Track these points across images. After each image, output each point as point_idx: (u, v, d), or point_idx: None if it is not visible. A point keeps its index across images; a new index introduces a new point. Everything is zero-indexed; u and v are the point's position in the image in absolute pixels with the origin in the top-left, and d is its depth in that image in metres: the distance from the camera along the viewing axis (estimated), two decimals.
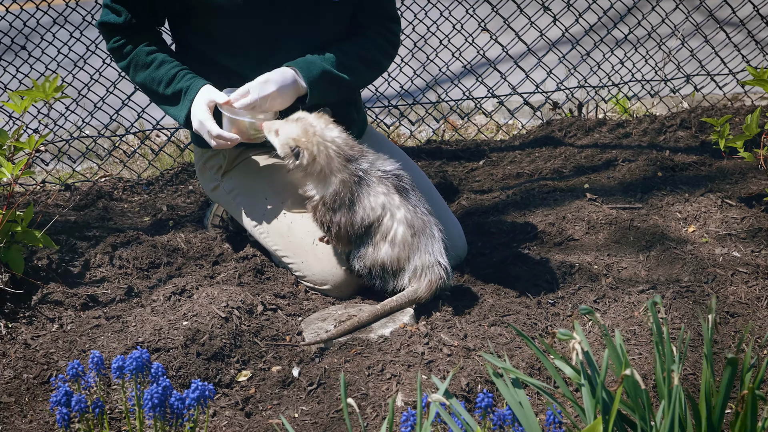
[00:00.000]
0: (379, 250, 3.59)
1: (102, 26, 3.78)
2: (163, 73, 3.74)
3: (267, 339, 3.48)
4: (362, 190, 3.58)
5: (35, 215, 4.20)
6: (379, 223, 3.59)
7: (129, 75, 3.83)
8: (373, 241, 3.61)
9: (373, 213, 3.58)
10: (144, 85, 3.80)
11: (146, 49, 3.78)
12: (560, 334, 2.36)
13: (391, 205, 3.58)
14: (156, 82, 3.75)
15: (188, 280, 3.78)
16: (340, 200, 3.59)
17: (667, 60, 5.84)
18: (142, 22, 3.76)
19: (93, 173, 5.39)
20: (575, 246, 4.08)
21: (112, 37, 3.79)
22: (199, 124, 3.67)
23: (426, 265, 3.55)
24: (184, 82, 3.72)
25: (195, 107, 3.68)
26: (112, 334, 3.49)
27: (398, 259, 3.57)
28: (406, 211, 3.58)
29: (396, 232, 3.57)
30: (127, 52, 3.78)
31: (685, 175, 4.63)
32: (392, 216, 3.57)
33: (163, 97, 3.77)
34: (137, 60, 3.78)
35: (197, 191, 4.91)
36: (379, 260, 3.59)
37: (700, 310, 3.55)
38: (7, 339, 3.55)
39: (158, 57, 3.77)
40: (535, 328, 3.52)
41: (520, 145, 5.33)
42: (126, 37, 3.77)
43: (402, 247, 3.57)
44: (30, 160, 3.71)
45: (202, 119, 3.65)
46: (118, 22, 3.74)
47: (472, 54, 5.88)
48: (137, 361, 2.70)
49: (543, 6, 5.56)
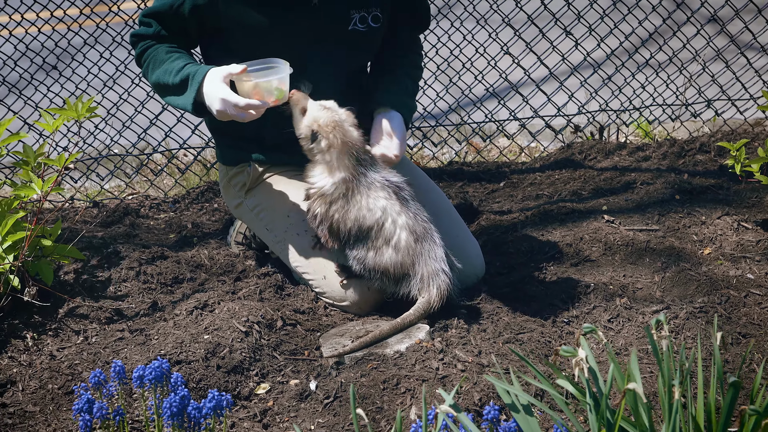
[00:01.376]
0: (381, 255, 3.68)
1: (133, 37, 3.88)
2: (175, 65, 3.75)
3: (286, 353, 3.55)
4: (361, 189, 3.67)
5: (63, 231, 4.30)
6: (380, 227, 3.67)
7: (147, 76, 3.85)
8: (374, 245, 3.69)
9: (370, 215, 3.67)
10: (157, 82, 3.80)
11: (167, 47, 3.82)
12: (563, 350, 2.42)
13: (392, 210, 3.67)
14: (167, 72, 3.75)
15: (210, 296, 3.86)
16: (337, 194, 3.68)
17: (689, 84, 5.90)
18: (172, 36, 3.84)
19: (120, 191, 5.49)
20: (592, 266, 4.14)
21: (140, 43, 3.87)
22: (222, 103, 3.60)
23: (432, 272, 3.63)
24: (191, 68, 3.70)
25: (210, 88, 3.63)
26: (135, 347, 3.57)
27: (402, 265, 3.65)
28: (407, 217, 3.67)
29: (399, 237, 3.66)
30: (150, 52, 3.83)
31: (703, 198, 4.68)
32: (394, 222, 3.66)
33: (172, 88, 3.75)
34: (156, 57, 3.81)
35: (222, 209, 5.00)
36: (382, 265, 3.68)
37: (713, 330, 3.60)
38: (34, 350, 3.65)
39: (175, 54, 3.80)
40: (549, 347, 3.57)
41: (540, 167, 5.40)
42: (153, 41, 3.85)
43: (406, 253, 3.65)
44: (59, 177, 3.80)
45: (223, 96, 3.60)
46: (148, 32, 3.84)
47: (494, 77, 5.96)
48: (157, 371, 2.78)
49: (565, 30, 5.63)
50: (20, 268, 3.73)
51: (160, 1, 3.81)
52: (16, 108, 5.43)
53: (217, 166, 5.25)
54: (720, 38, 5.87)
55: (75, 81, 5.49)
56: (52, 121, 3.81)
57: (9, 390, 3.45)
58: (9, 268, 3.69)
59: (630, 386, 2.33)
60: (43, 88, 5.46)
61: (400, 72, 4.04)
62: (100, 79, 5.51)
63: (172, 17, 3.80)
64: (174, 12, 3.79)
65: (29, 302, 3.78)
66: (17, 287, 3.72)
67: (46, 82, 5.47)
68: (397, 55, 4.08)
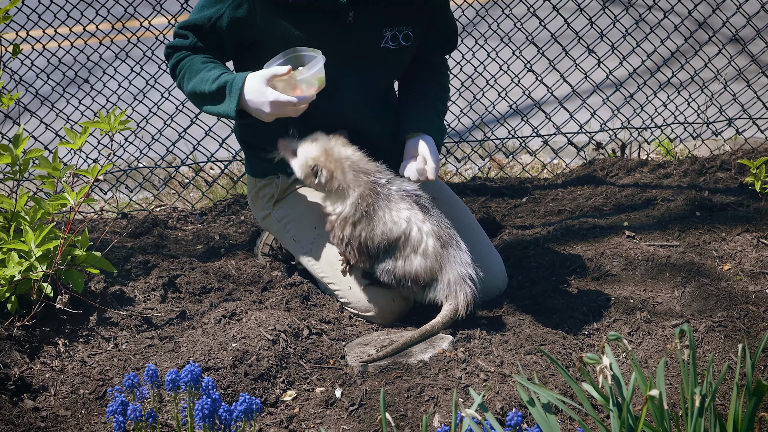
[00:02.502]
0: (411, 263, 3.75)
1: (168, 49, 3.93)
2: (211, 74, 3.79)
3: (312, 361, 3.63)
4: (381, 203, 3.75)
5: (93, 241, 4.39)
6: (407, 236, 3.75)
7: (182, 86, 3.89)
8: (403, 254, 3.76)
9: (396, 227, 3.74)
10: (193, 92, 3.84)
11: (202, 57, 3.87)
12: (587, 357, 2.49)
13: (416, 219, 3.74)
14: (203, 81, 3.78)
15: (238, 305, 3.94)
16: (359, 213, 3.76)
17: (710, 103, 5.95)
18: (207, 49, 3.89)
19: (149, 203, 5.58)
20: (612, 281, 4.20)
21: (175, 53, 3.91)
22: (273, 105, 3.65)
23: (458, 277, 3.72)
24: (228, 76, 3.75)
25: (254, 94, 3.68)
26: (165, 354, 3.65)
27: (431, 270, 3.73)
28: (431, 224, 3.75)
29: (427, 244, 3.74)
30: (185, 63, 3.87)
31: (723, 214, 4.73)
32: (420, 230, 3.74)
33: (209, 96, 3.78)
34: (191, 67, 3.85)
35: (248, 221, 5.08)
36: (413, 272, 3.75)
37: (732, 344, 3.66)
38: (65, 356, 3.73)
39: (211, 64, 3.85)
40: (569, 358, 3.64)
41: (562, 184, 5.47)
42: (188, 52, 3.89)
43: (435, 258, 3.73)
44: (91, 188, 3.88)
45: (274, 98, 3.65)
46: (184, 44, 3.89)
47: (518, 94, 6.03)
48: (191, 374, 2.86)
49: (588, 49, 5.70)
50: (53, 276, 3.82)
51: (198, 13, 3.87)
52: (48, 120, 5.53)
53: (245, 179, 5.35)
54: (741, 57, 5.93)
55: (106, 94, 5.59)
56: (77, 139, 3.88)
57: (41, 395, 3.53)
58: (42, 277, 3.77)
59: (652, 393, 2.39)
60: (75, 101, 5.55)
61: (431, 94, 4.11)
62: (130, 93, 5.61)
63: (210, 30, 3.86)
64: (212, 25, 3.85)
65: (61, 310, 3.86)
66: (50, 295, 3.80)
67: (77, 95, 5.57)
68: (427, 77, 4.16)
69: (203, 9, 3.87)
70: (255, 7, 3.82)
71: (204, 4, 3.88)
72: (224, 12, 3.83)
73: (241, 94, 3.71)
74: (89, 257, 3.89)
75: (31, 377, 3.60)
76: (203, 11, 3.87)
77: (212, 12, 3.84)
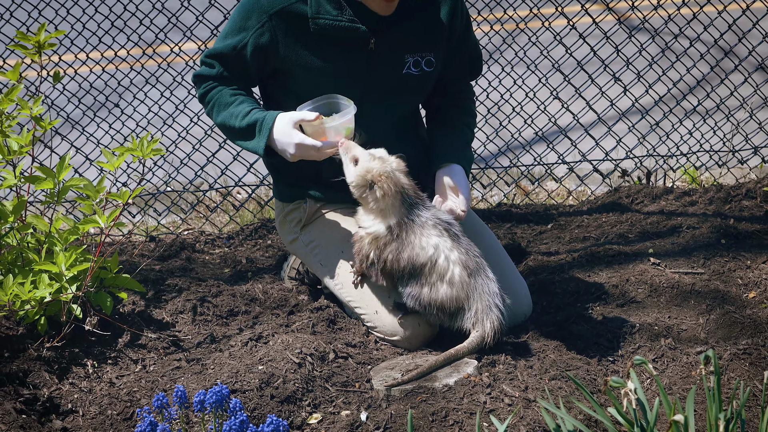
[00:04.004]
0: (437, 291, 3.78)
1: (196, 77, 4.03)
2: (241, 109, 3.90)
3: (337, 384, 3.66)
4: (414, 230, 3.79)
5: (122, 264, 4.44)
6: (434, 264, 3.77)
7: (212, 116, 4.00)
8: (429, 281, 3.79)
9: (423, 253, 3.77)
10: (223, 124, 3.95)
11: (231, 90, 3.97)
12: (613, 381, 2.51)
13: (444, 246, 3.77)
14: (233, 116, 3.90)
15: (264, 328, 3.97)
16: (391, 237, 3.80)
17: (735, 131, 5.96)
18: (234, 77, 3.99)
19: (176, 226, 5.63)
20: (637, 308, 4.21)
21: (203, 83, 4.02)
22: (298, 148, 3.77)
23: (486, 306, 3.74)
24: (258, 113, 3.86)
25: (281, 135, 3.80)
26: (192, 376, 3.69)
27: (457, 299, 3.75)
28: (459, 252, 3.78)
29: (453, 272, 3.76)
30: (213, 94, 3.98)
31: (748, 242, 4.74)
32: (447, 258, 3.77)
33: (239, 131, 3.91)
34: (220, 99, 3.96)
35: (275, 245, 5.12)
36: (438, 300, 3.78)
37: (757, 372, 3.66)
38: (94, 377, 3.77)
39: (240, 98, 3.95)
40: (594, 384, 3.65)
41: (587, 210, 5.49)
42: (216, 85, 3.99)
43: (461, 287, 3.76)
44: (121, 211, 3.93)
45: (299, 141, 3.77)
46: (211, 73, 3.99)
47: (543, 121, 6.06)
48: (218, 395, 2.89)
49: (614, 77, 5.73)
50: (82, 298, 3.87)
51: (223, 42, 3.96)
52: (78, 143, 5.59)
53: (273, 203, 5.40)
54: (767, 87, 5.94)
55: (136, 118, 5.65)
56: (112, 159, 3.94)
57: (70, 415, 3.58)
58: (71, 298, 3.82)
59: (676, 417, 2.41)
60: (105, 125, 5.62)
61: (458, 122, 4.16)
62: (160, 117, 5.67)
63: (235, 58, 3.94)
64: (237, 53, 3.94)
65: (90, 331, 3.91)
66: (79, 317, 3.85)
67: (107, 119, 5.64)
68: (453, 104, 4.20)
69: (227, 37, 3.96)
70: (277, 35, 3.90)
71: (228, 32, 3.96)
72: (248, 40, 3.91)
73: (270, 133, 3.82)
74: (118, 279, 3.94)
75: (59, 398, 3.64)
76: (227, 40, 3.95)
77: (236, 40, 3.93)
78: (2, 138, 3.95)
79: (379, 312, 3.97)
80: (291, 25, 3.90)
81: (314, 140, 3.77)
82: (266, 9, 3.89)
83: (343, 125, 3.79)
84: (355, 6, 3.88)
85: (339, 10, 3.87)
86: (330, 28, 3.87)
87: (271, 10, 3.89)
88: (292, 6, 3.89)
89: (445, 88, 4.18)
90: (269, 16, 3.89)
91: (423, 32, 3.98)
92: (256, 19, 3.90)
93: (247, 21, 3.91)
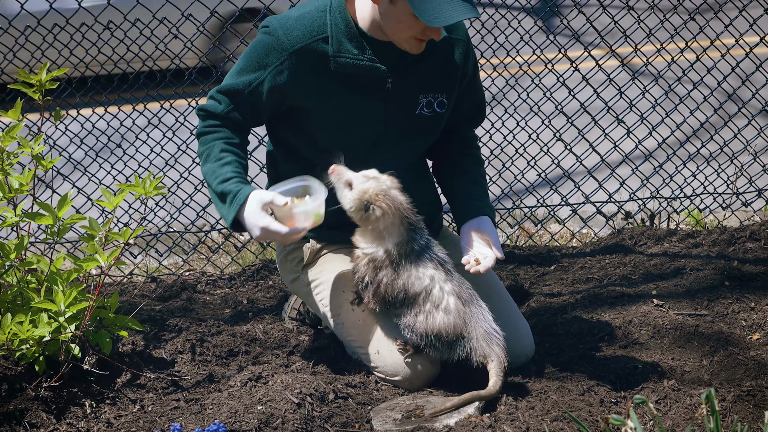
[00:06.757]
0: (433, 319, 3.77)
1: (201, 110, 3.92)
2: (223, 171, 3.80)
3: (337, 425, 3.62)
4: (411, 257, 3.79)
5: (122, 304, 4.42)
6: (428, 293, 3.78)
7: (200, 160, 3.91)
8: (423, 310, 3.79)
9: (419, 282, 3.78)
10: (205, 176, 3.86)
11: (223, 144, 3.86)
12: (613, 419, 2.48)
13: (439, 278, 3.79)
14: (214, 175, 3.81)
15: (264, 368, 3.94)
16: (389, 261, 3.80)
17: (739, 174, 5.96)
18: (240, 115, 3.89)
19: (178, 267, 5.62)
20: (640, 349, 4.18)
21: (207, 120, 3.91)
22: (263, 231, 3.68)
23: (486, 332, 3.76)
24: (234, 185, 3.76)
25: (250, 215, 3.69)
26: (190, 416, 3.66)
27: (455, 326, 3.74)
28: (452, 285, 3.80)
29: (448, 301, 3.77)
30: (209, 140, 3.87)
31: (752, 284, 4.72)
32: (441, 288, 3.78)
33: (214, 193, 3.82)
34: (210, 151, 3.86)
35: (277, 286, 5.10)
36: (436, 328, 3.77)
37: (760, 414, 3.63)
38: (91, 417, 3.74)
39: (228, 156, 3.84)
40: (596, 425, 3.61)
41: (590, 252, 5.47)
42: (218, 126, 3.89)
43: (458, 314, 3.75)
44: (122, 250, 3.92)
45: (264, 225, 3.67)
46: (217, 110, 3.90)
47: (547, 163, 6.06)
48: None
49: (617, 119, 5.73)
50: (81, 337, 3.85)
51: (237, 78, 3.88)
52: (80, 184, 5.60)
53: (274, 244, 5.38)
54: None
55: (138, 159, 5.66)
56: (112, 199, 3.93)
57: None
58: (70, 337, 3.80)
59: None
60: (107, 166, 5.63)
61: (473, 171, 4.16)
62: (162, 158, 5.68)
63: (248, 95, 3.86)
64: (252, 90, 3.86)
65: (88, 371, 3.88)
66: (78, 356, 3.82)
67: (110, 159, 5.64)
68: (463, 153, 4.20)
69: (242, 74, 3.88)
70: (296, 73, 3.85)
71: (243, 68, 3.88)
72: (265, 78, 3.85)
73: (240, 209, 3.72)
74: (118, 319, 3.92)
75: None
76: (242, 76, 3.88)
77: (253, 77, 3.86)
78: (3, 176, 3.94)
79: (380, 351, 3.94)
80: (311, 63, 3.84)
81: (280, 225, 3.66)
82: (286, 47, 3.83)
83: (313, 210, 3.70)
84: (375, 46, 3.88)
85: (360, 50, 3.85)
86: (351, 67, 3.86)
87: (291, 48, 3.83)
88: (313, 44, 3.84)
89: (453, 133, 4.17)
90: (289, 54, 3.84)
91: (439, 73, 3.97)
92: (276, 56, 3.83)
93: (266, 58, 3.84)
